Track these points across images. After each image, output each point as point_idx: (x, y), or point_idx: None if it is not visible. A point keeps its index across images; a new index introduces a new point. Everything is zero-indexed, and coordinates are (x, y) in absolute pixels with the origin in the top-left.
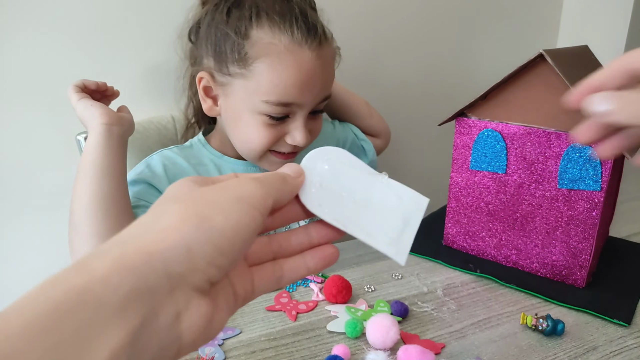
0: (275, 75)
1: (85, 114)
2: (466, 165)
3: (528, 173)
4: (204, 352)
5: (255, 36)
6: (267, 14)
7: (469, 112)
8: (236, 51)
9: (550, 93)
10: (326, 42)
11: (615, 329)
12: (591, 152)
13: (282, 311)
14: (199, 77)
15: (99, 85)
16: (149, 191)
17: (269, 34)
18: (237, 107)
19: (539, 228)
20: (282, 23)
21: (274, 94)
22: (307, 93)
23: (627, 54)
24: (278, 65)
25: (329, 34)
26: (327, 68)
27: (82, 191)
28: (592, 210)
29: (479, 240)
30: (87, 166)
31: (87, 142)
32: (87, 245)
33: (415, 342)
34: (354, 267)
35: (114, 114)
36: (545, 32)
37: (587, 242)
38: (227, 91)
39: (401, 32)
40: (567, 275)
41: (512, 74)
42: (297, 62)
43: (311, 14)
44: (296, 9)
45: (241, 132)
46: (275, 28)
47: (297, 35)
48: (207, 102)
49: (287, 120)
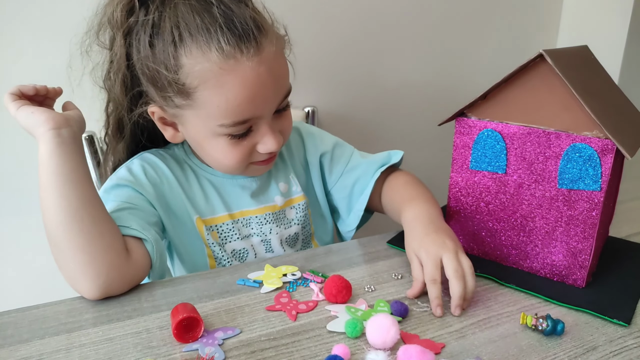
0: (222, 100)
1: (29, 122)
2: (466, 165)
3: (528, 173)
4: (204, 352)
5: (187, 65)
6: (189, 34)
7: (469, 112)
8: (174, 85)
9: (550, 93)
10: (266, 40)
11: (615, 329)
12: None
13: (282, 311)
14: (151, 111)
15: (37, 90)
16: (134, 194)
17: (199, 57)
18: (197, 134)
19: (539, 228)
20: (209, 40)
21: (227, 117)
22: (261, 104)
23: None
24: (219, 88)
25: (267, 25)
26: (276, 67)
27: (50, 206)
28: (592, 210)
29: (478, 240)
30: (47, 178)
31: (40, 152)
32: (73, 262)
33: (415, 342)
34: (354, 267)
35: (60, 116)
36: (545, 32)
37: (587, 242)
38: (182, 120)
39: (401, 33)
40: (567, 275)
41: (512, 74)
42: (238, 78)
43: (237, 12)
44: (217, 14)
45: (211, 155)
46: (202, 48)
47: (227, 50)
48: (168, 130)
49: (252, 132)
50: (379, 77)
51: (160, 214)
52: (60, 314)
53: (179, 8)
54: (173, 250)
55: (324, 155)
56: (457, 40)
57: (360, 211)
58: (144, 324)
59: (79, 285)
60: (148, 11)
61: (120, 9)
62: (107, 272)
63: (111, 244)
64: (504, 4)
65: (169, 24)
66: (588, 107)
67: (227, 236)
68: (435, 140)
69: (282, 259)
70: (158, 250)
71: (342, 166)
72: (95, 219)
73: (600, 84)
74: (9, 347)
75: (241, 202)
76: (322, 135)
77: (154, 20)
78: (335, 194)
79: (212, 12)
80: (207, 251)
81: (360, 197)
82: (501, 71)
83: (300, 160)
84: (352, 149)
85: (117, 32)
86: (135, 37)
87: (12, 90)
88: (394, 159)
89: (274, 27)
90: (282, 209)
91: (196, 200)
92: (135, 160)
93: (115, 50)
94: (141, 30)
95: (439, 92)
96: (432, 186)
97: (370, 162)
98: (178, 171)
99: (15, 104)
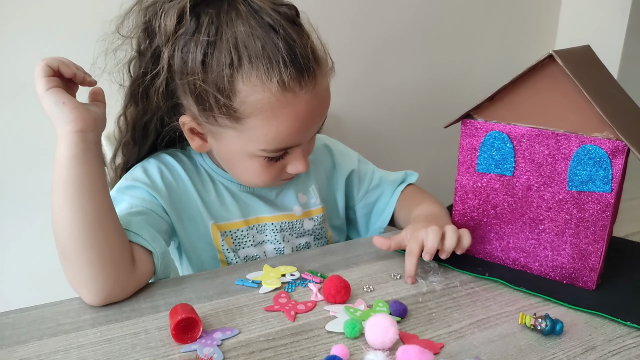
0: (272, 129)
1: (55, 113)
2: (472, 167)
3: (536, 175)
4: (203, 353)
5: (243, 92)
6: (249, 60)
7: (476, 113)
8: (223, 108)
9: (559, 94)
10: (321, 74)
11: (613, 329)
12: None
13: (281, 311)
14: (182, 121)
15: (76, 75)
16: (148, 197)
17: (258, 87)
18: (231, 151)
19: (548, 230)
20: (270, 71)
21: (272, 144)
22: (305, 134)
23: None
24: (273, 119)
25: (322, 55)
26: (325, 100)
27: (64, 216)
28: (603, 211)
29: (486, 243)
30: (64, 186)
31: (58, 153)
32: (80, 273)
33: (414, 342)
34: (353, 267)
35: (89, 116)
36: (544, 32)
37: (598, 245)
38: (218, 137)
39: (402, 34)
40: (576, 277)
41: (520, 75)
42: (294, 111)
43: (299, 43)
44: (281, 44)
45: (239, 171)
46: (262, 78)
47: (289, 83)
48: (195, 140)
49: (287, 155)
50: (378, 77)
51: (172, 219)
52: (59, 315)
53: (237, 28)
54: (182, 252)
55: (354, 173)
56: (455, 40)
57: (381, 229)
58: (143, 324)
59: (81, 292)
60: (200, 22)
61: (170, 16)
62: (112, 287)
63: (120, 260)
64: (503, 4)
65: (226, 45)
66: (599, 108)
67: (240, 242)
68: (435, 140)
69: (281, 259)
70: (163, 263)
71: (367, 184)
72: (109, 234)
73: (606, 85)
74: (7, 348)
75: (257, 208)
76: (349, 152)
77: (209, 37)
78: (358, 210)
79: (274, 39)
80: (220, 256)
81: (381, 216)
82: (500, 71)
83: (326, 174)
84: (372, 165)
85: (164, 40)
86: (183, 49)
87: (50, 61)
88: (410, 180)
89: (326, 57)
90: (300, 219)
91: (212, 205)
92: (151, 160)
93: (158, 59)
94: (191, 43)
95: (438, 93)
96: (437, 189)
97: (391, 181)
98: (194, 175)
99: (47, 81)
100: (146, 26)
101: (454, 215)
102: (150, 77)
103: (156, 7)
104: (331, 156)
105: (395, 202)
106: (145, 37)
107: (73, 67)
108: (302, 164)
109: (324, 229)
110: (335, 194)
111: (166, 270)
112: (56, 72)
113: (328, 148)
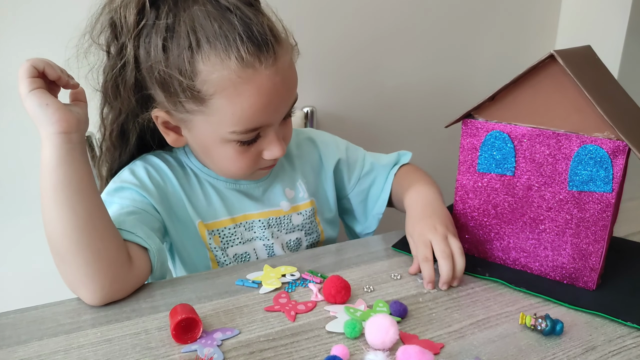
0: (237, 108)
1: (38, 114)
2: (473, 167)
3: (537, 175)
4: (203, 353)
5: (204, 71)
6: (207, 40)
7: (476, 113)
8: (188, 91)
9: (560, 94)
10: (281, 50)
11: (614, 329)
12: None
13: (281, 312)
14: (154, 115)
15: (60, 78)
16: (138, 197)
17: (218, 65)
18: (205, 139)
19: (549, 230)
20: (227, 48)
21: (240, 124)
22: (273, 112)
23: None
24: (236, 97)
25: (281, 33)
26: (289, 77)
27: (55, 218)
28: (603, 212)
29: (486, 243)
30: (53, 188)
31: (44, 156)
32: (77, 273)
33: (414, 342)
34: (353, 267)
35: (72, 117)
36: (544, 32)
37: (598, 245)
38: (189, 125)
39: (399, 33)
40: (577, 277)
41: (521, 75)
42: (256, 87)
43: (255, 21)
44: (236, 22)
45: (216, 161)
46: (221, 56)
47: (247, 58)
48: (170, 134)
49: (259, 139)
50: (377, 77)
51: (163, 217)
52: (59, 315)
53: (194, 12)
54: (175, 252)
55: (341, 162)
56: (455, 40)
57: (379, 214)
58: (143, 325)
59: (79, 293)
60: (159, 12)
61: (130, 10)
62: (110, 285)
63: (116, 257)
64: (503, 4)
65: (184, 28)
66: (600, 108)
67: (229, 240)
68: (435, 140)
69: (281, 260)
70: (160, 260)
71: (358, 171)
72: (102, 232)
73: (607, 85)
74: (7, 349)
75: (244, 205)
76: (336, 141)
77: (167, 24)
78: (352, 199)
79: (230, 19)
80: (210, 255)
81: (377, 201)
82: (500, 71)
83: (313, 167)
84: (362, 151)
85: (127, 34)
86: (145, 40)
87: (36, 62)
88: (403, 160)
89: (287, 37)
90: (288, 214)
91: (198, 204)
92: (138, 162)
93: (124, 53)
94: (152, 33)
95: (437, 93)
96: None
97: (384, 165)
98: (180, 174)
99: (31, 82)
100: (112, 25)
101: (454, 215)
102: (118, 72)
103: (118, 4)
104: (316, 148)
105: (390, 186)
106: (112, 37)
107: (58, 70)
108: (278, 147)
109: (314, 223)
110: (324, 186)
111: (163, 267)
112: (41, 73)
113: (312, 140)
